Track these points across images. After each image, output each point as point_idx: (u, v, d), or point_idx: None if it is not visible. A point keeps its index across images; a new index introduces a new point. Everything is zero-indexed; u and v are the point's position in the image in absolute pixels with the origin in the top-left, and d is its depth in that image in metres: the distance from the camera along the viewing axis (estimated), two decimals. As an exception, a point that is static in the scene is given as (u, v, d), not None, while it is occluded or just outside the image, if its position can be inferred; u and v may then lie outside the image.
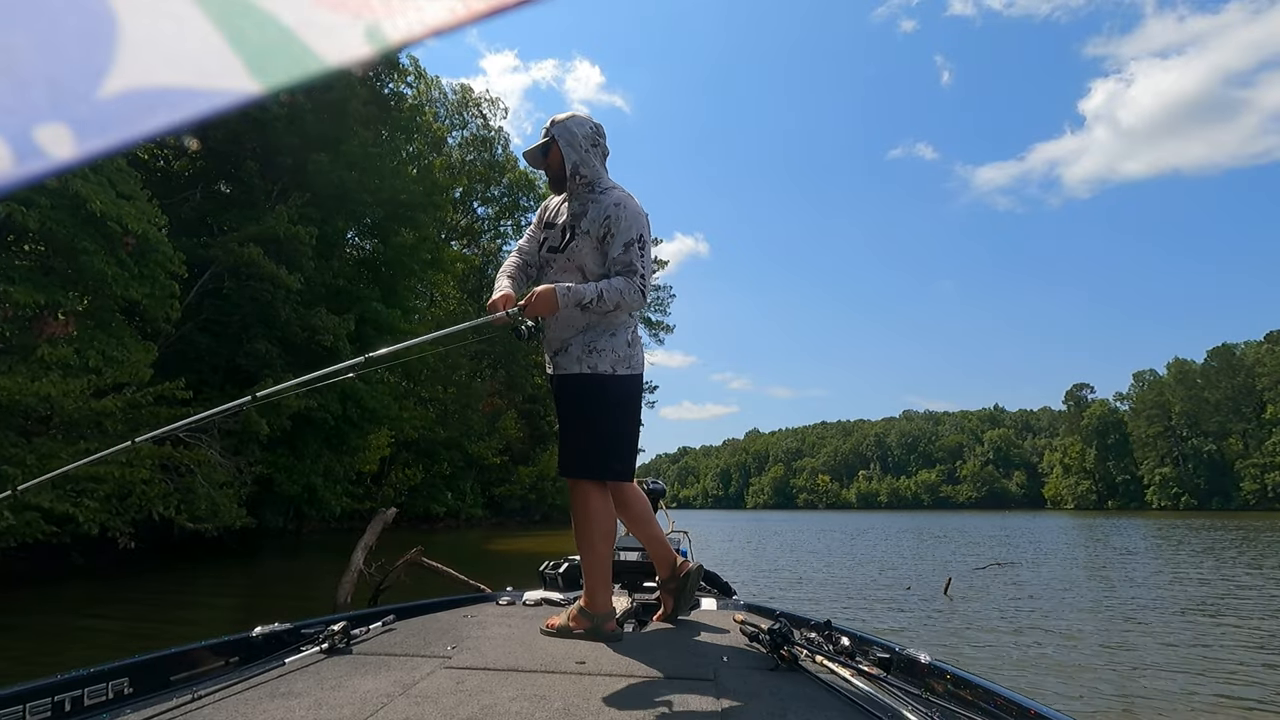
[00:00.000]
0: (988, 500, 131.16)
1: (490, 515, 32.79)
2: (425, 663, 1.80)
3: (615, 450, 2.28)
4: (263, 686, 1.59)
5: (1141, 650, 6.06)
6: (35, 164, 0.24)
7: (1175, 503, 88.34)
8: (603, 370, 2.24)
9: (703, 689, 1.61)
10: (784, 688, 1.64)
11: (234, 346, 14.43)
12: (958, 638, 6.55)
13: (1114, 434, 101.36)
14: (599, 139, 2.33)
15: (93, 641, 6.02)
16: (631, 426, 2.33)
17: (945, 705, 1.53)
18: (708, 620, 2.50)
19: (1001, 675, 5.13)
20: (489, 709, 1.42)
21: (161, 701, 1.48)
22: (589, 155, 2.28)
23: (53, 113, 0.25)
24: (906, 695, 1.55)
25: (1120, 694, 4.74)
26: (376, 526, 7.40)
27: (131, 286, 9.65)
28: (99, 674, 1.53)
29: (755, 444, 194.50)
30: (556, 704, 1.46)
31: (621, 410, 2.29)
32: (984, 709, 1.51)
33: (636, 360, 2.33)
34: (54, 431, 8.88)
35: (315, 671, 1.72)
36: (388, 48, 0.28)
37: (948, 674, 1.68)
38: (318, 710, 1.42)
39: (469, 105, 37.57)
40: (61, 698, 1.44)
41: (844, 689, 1.59)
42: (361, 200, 17.04)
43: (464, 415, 28.50)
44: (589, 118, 2.34)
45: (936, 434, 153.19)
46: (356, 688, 1.56)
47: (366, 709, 1.42)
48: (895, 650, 1.87)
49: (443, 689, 1.55)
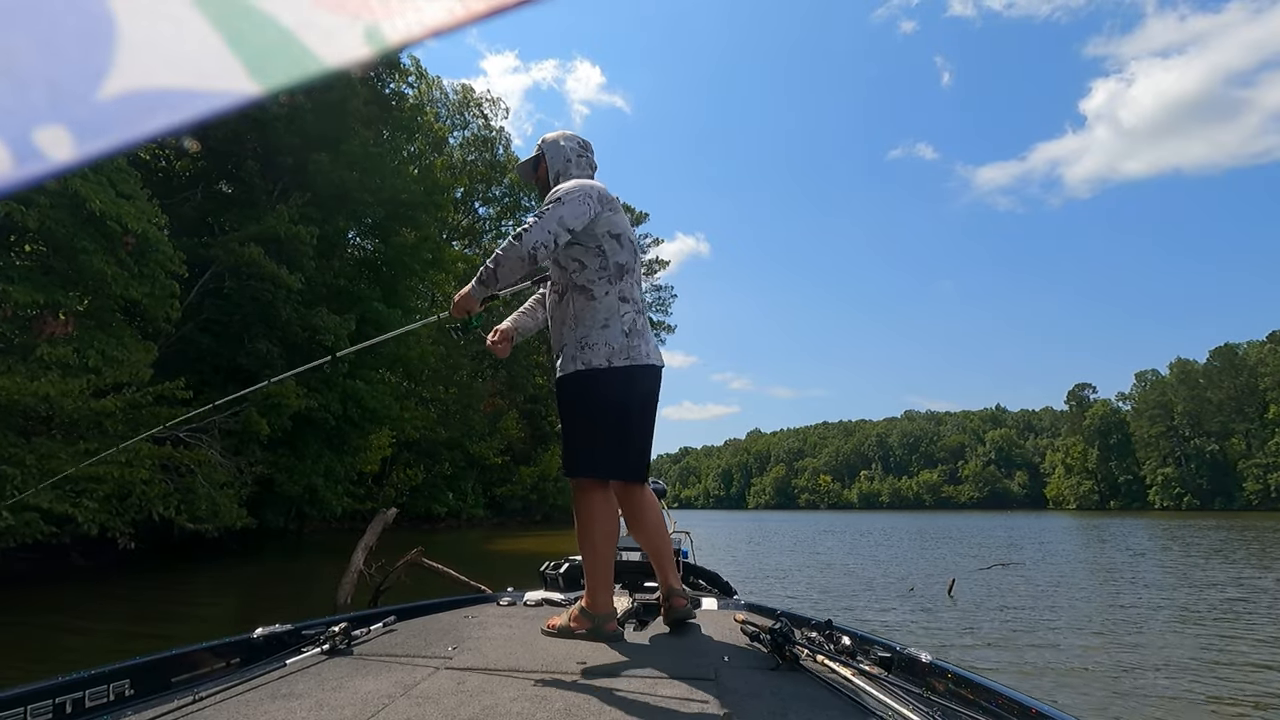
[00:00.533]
0: (989, 500, 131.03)
1: (492, 515, 32.76)
2: (426, 663, 1.80)
3: (616, 447, 2.21)
4: (264, 688, 1.59)
5: (1151, 651, 6.01)
6: (34, 166, 0.24)
7: (1178, 503, 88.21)
8: (596, 364, 2.19)
9: (704, 689, 1.61)
10: (785, 687, 1.63)
11: (235, 346, 14.40)
12: (961, 639, 6.50)
13: (1116, 434, 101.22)
14: (585, 153, 2.44)
15: (92, 642, 5.99)
16: (633, 421, 2.23)
17: (946, 704, 1.53)
18: (708, 620, 2.49)
19: (1006, 678, 5.08)
20: (490, 710, 1.42)
21: (163, 703, 1.48)
22: (571, 165, 2.39)
23: (52, 114, 0.24)
24: (908, 694, 1.55)
25: (1130, 696, 4.70)
26: (377, 527, 7.36)
27: (131, 286, 9.62)
28: (100, 675, 1.52)
29: (757, 444, 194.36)
30: (558, 704, 1.46)
31: (621, 404, 2.20)
32: (985, 708, 1.50)
33: (640, 351, 2.23)
34: (54, 431, 8.85)
35: (316, 673, 1.72)
36: (387, 49, 0.28)
37: (949, 673, 1.68)
38: (319, 711, 1.41)
39: (470, 105, 37.58)
40: (62, 699, 1.43)
41: (845, 689, 1.59)
42: (362, 200, 17.02)
43: (465, 415, 28.50)
44: (576, 135, 2.48)
45: (938, 434, 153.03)
46: (358, 689, 1.56)
47: (368, 710, 1.41)
48: (896, 650, 1.86)
49: (444, 690, 1.55)
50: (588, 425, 2.22)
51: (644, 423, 2.28)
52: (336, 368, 15.94)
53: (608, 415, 2.20)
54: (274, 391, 13.47)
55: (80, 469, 7.09)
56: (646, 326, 2.32)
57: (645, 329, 2.30)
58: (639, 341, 2.24)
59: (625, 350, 2.20)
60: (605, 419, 2.20)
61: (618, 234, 2.27)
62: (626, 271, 2.27)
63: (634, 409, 2.24)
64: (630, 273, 2.29)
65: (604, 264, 2.24)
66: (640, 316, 2.30)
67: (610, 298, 2.23)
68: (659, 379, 2.34)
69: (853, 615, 7.65)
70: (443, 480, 28.12)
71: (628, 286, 2.28)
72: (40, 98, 0.25)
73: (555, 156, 2.41)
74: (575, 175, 2.37)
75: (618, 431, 2.21)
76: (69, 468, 8.24)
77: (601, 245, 2.24)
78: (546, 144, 2.45)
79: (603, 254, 2.24)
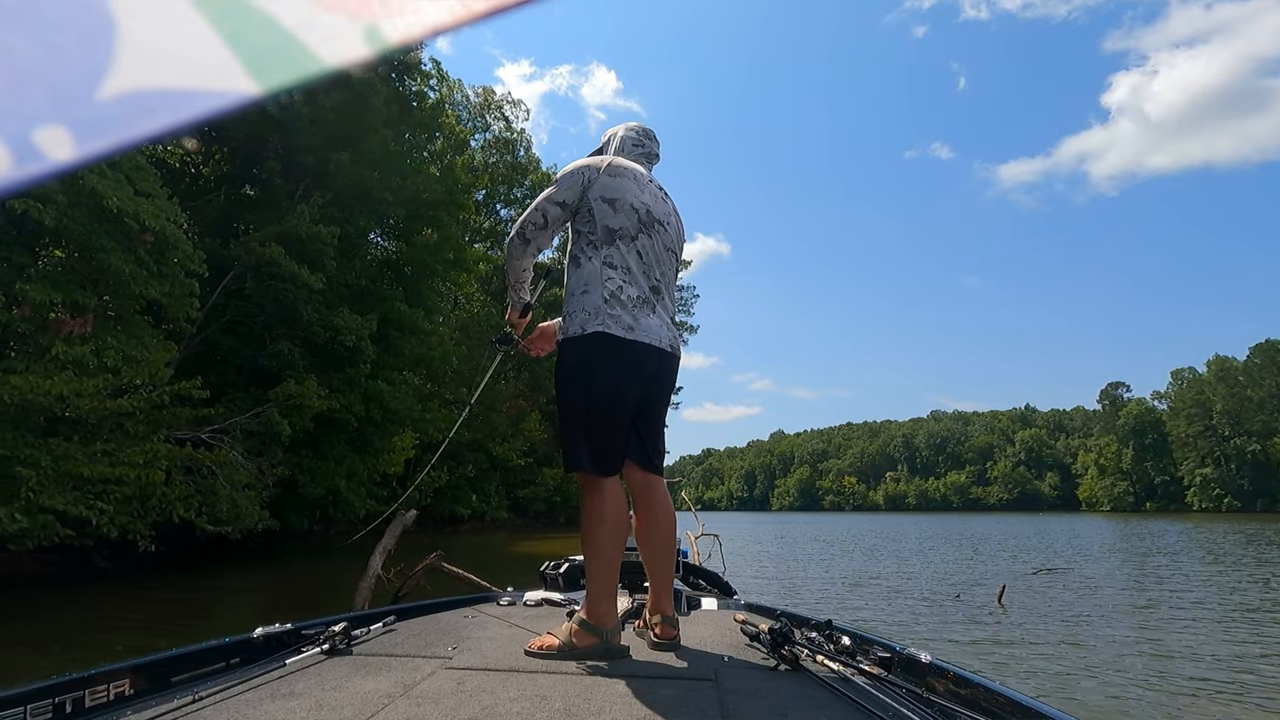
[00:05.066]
0: (1019, 502, 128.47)
1: (515, 517, 32.70)
2: (426, 663, 1.79)
3: (591, 434, 1.96)
4: (264, 687, 1.58)
5: (1246, 665, 5.49)
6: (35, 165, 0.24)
7: (1217, 504, 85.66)
8: (572, 333, 2.00)
9: (703, 689, 1.60)
10: (785, 688, 1.63)
11: (257, 347, 14.34)
12: (1019, 651, 6.02)
13: (1152, 433, 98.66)
14: (644, 140, 2.37)
15: (111, 644, 5.82)
16: (595, 399, 1.96)
17: (946, 705, 1.51)
18: (708, 620, 2.49)
19: (1086, 704, 4.62)
20: (490, 709, 1.41)
21: (163, 703, 1.47)
22: (622, 154, 2.30)
23: (52, 114, 0.24)
24: (908, 695, 1.54)
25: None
26: (396, 529, 7.08)
27: (150, 285, 9.48)
28: (100, 675, 1.52)
29: (780, 445, 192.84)
30: (557, 704, 1.45)
31: (584, 377, 1.96)
32: (985, 708, 1.49)
33: (620, 322, 1.97)
34: (69, 431, 8.72)
35: (316, 672, 1.71)
36: (387, 48, 0.28)
37: (949, 673, 1.66)
38: (319, 711, 1.40)
39: (491, 108, 37.55)
40: (62, 699, 1.42)
41: (845, 689, 1.59)
42: (383, 199, 16.91)
43: (488, 417, 28.39)
44: (641, 125, 2.40)
45: (966, 434, 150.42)
46: (357, 688, 1.56)
47: (367, 710, 1.40)
48: (896, 650, 1.84)
49: (444, 690, 1.55)
50: (568, 409, 2.01)
51: (620, 408, 1.98)
52: (358, 367, 15.83)
53: (582, 396, 1.97)
54: (296, 392, 13.37)
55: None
56: (645, 300, 2.06)
57: (640, 301, 2.04)
58: (619, 310, 1.98)
59: (600, 315, 1.97)
60: (578, 401, 1.98)
61: (613, 198, 2.08)
62: (619, 237, 2.06)
63: (612, 390, 1.96)
64: (625, 239, 2.07)
65: (592, 229, 2.08)
66: (632, 287, 2.04)
67: (593, 263, 2.04)
68: (651, 360, 2.04)
69: (901, 629, 7.21)
70: (466, 482, 28.02)
71: (618, 253, 2.05)
72: (41, 97, 0.24)
73: (610, 145, 2.37)
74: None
75: (587, 417, 1.97)
76: (85, 469, 8.11)
77: (592, 209, 2.08)
78: (610, 135, 2.42)
79: (592, 218, 2.08)
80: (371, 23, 0.28)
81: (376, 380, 16.49)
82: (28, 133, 0.24)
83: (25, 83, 0.24)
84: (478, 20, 0.28)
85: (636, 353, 1.99)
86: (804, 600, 8.85)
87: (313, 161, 15.25)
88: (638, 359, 2.00)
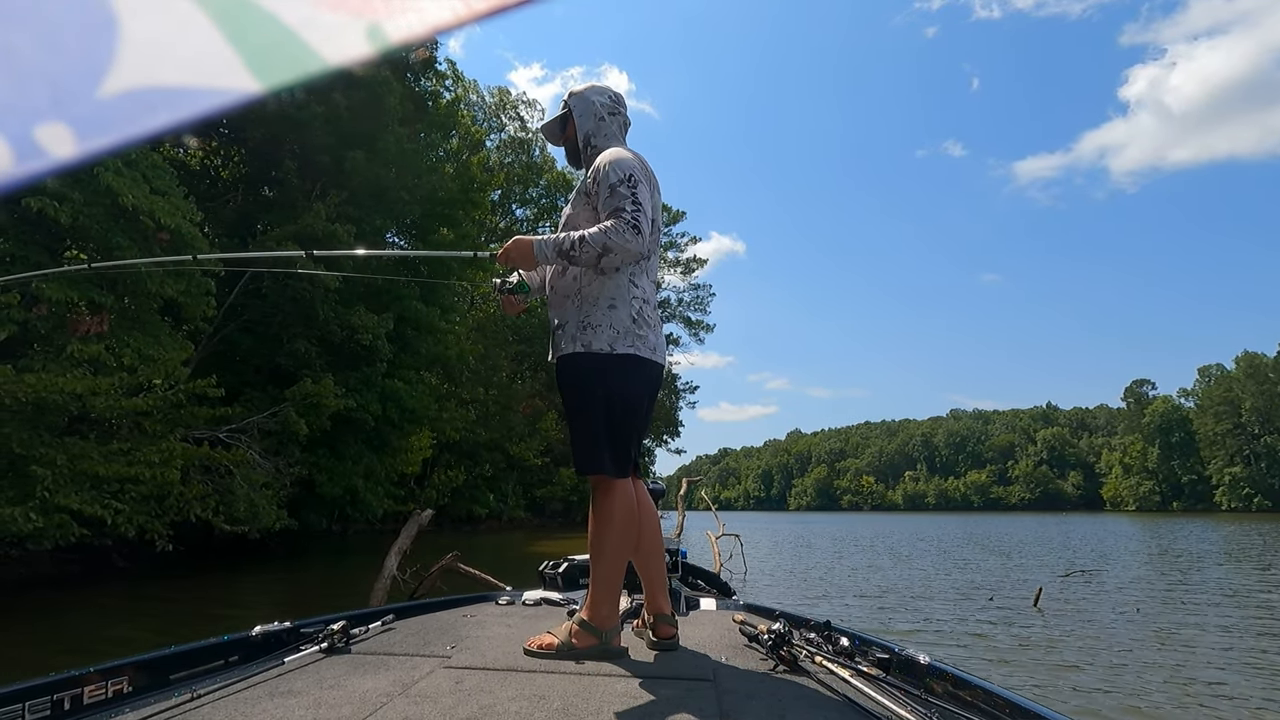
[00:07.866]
0: (1041, 502, 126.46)
1: (532, 516, 32.71)
2: (424, 662, 1.79)
3: (613, 440, 2.01)
4: (262, 686, 1.58)
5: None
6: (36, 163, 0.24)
7: (1247, 504, 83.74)
8: (597, 348, 1.99)
9: (702, 689, 1.60)
10: (783, 688, 1.63)
11: (274, 346, 14.33)
12: (1062, 658, 5.74)
13: (1178, 432, 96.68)
14: (618, 108, 2.21)
15: (130, 643, 5.75)
16: (616, 413, 2.00)
17: (944, 706, 1.50)
18: (707, 621, 2.50)
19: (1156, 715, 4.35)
20: (488, 709, 1.41)
21: (161, 700, 1.47)
22: (604, 124, 2.17)
23: (53, 112, 0.25)
24: (906, 696, 1.54)
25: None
26: (411, 529, 6.94)
27: (166, 283, 9.45)
28: (99, 672, 1.52)
29: (797, 444, 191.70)
30: (555, 704, 1.45)
31: (620, 395, 2.00)
32: (983, 709, 1.49)
33: (646, 341, 2.03)
34: (86, 430, 8.68)
35: (314, 671, 1.71)
36: (389, 47, 0.28)
37: (947, 674, 1.66)
38: (317, 710, 1.41)
39: (506, 108, 37.57)
40: (61, 696, 1.42)
41: (843, 690, 1.59)
42: (398, 197, 16.86)
43: (505, 417, 28.38)
44: (608, 87, 2.24)
45: (986, 433, 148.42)
46: (356, 687, 1.56)
47: (366, 708, 1.41)
48: (895, 651, 1.84)
49: (442, 689, 1.55)
50: (588, 416, 2.03)
51: (637, 418, 2.08)
52: (375, 366, 15.77)
53: (604, 405, 2.02)
54: (312, 391, 13.32)
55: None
56: (657, 321, 2.13)
57: (655, 322, 2.11)
58: (646, 331, 2.05)
59: (630, 336, 2.00)
60: (599, 409, 2.01)
61: (653, 218, 2.07)
62: (642, 257, 2.06)
63: (632, 401, 2.04)
64: (645, 259, 2.07)
65: None
66: (648, 307, 2.09)
67: (621, 277, 2.03)
68: (660, 378, 2.16)
69: (934, 634, 6.94)
70: (483, 482, 28.00)
71: (639, 273, 2.08)
72: (42, 95, 0.24)
73: (585, 114, 2.18)
74: (609, 138, 2.17)
75: (608, 424, 2.01)
76: (101, 468, 8.06)
77: None
78: (574, 98, 2.20)
79: None
80: (374, 21, 0.27)
81: (393, 379, 16.45)
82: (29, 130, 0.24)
83: (27, 80, 0.24)
84: (480, 19, 0.28)
85: (656, 372, 2.09)
86: (833, 606, 8.60)
87: (328, 161, 15.23)
88: (655, 377, 2.10)
